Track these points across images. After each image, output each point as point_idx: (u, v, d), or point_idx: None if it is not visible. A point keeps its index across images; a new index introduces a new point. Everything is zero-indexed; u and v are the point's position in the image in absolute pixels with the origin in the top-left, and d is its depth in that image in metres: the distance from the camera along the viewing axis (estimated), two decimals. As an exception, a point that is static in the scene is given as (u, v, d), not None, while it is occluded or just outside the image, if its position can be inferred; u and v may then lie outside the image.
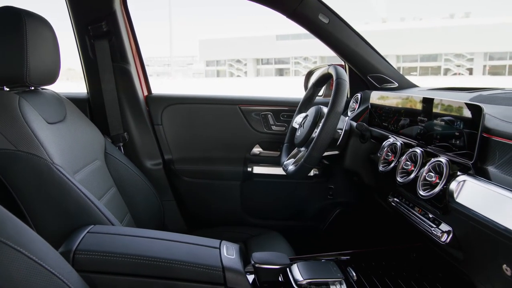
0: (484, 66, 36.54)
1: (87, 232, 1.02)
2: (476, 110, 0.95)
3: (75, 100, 1.54)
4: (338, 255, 1.28)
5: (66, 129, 1.31)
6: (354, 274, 1.14)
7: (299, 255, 1.30)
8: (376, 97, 1.50)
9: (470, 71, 36.63)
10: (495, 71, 36.26)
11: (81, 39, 1.75)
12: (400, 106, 1.31)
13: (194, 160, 1.93)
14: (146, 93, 1.93)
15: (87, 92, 1.83)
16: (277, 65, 44.57)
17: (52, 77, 1.29)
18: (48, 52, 1.24)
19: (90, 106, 1.82)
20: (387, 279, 1.14)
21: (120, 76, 1.78)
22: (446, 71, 37.67)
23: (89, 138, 1.44)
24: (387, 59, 1.78)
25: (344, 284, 1.08)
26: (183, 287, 0.97)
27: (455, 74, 37.23)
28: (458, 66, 37.44)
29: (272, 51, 42.94)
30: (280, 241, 1.61)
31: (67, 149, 1.25)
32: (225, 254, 1.02)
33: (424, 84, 1.79)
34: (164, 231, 1.11)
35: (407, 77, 1.81)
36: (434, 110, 1.11)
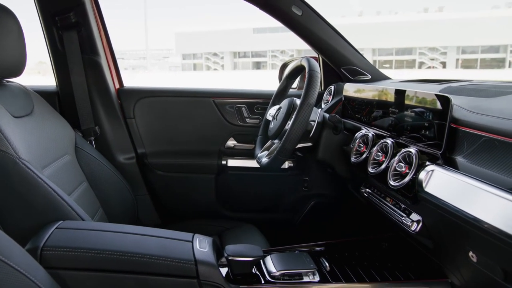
0: (457, 59, 37.32)
1: (56, 228, 1.00)
2: (444, 101, 0.96)
3: (44, 93, 1.50)
4: (313, 246, 1.29)
5: (33, 123, 1.27)
6: (327, 265, 1.15)
7: (274, 247, 1.30)
8: (349, 89, 1.51)
9: (444, 65, 37.35)
10: (467, 64, 37.08)
11: (48, 30, 1.70)
12: (372, 98, 1.32)
13: (167, 154, 1.91)
14: (117, 86, 1.90)
15: (56, 85, 1.78)
16: (254, 58, 44.47)
17: (17, 70, 1.25)
18: (13, 43, 1.20)
19: (60, 100, 1.77)
20: (359, 269, 1.15)
21: (90, 68, 1.74)
22: (421, 64, 38.31)
23: (58, 132, 1.40)
24: (363, 52, 1.80)
25: (317, 275, 1.09)
26: (155, 281, 0.96)
27: (429, 67, 37.90)
28: (432, 59, 38.13)
29: (249, 44, 42.80)
30: (255, 233, 1.61)
31: (35, 143, 1.21)
32: (198, 247, 1.02)
33: (399, 77, 1.81)
34: (136, 226, 1.09)
35: (381, 70, 1.83)
36: (405, 102, 1.12)
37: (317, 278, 1.08)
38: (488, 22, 34.45)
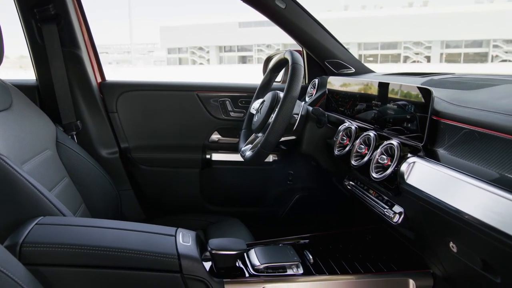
0: (441, 54, 37.72)
1: (36, 224, 0.98)
2: (426, 93, 0.97)
3: (23, 88, 1.47)
4: (297, 239, 1.30)
5: (12, 117, 1.25)
6: (311, 257, 1.16)
7: (259, 240, 1.31)
8: (333, 83, 1.51)
9: (428, 59, 37.71)
10: (451, 58, 37.51)
11: (26, 22, 1.66)
12: (356, 91, 1.33)
13: (151, 148, 1.89)
14: (99, 80, 1.87)
15: (36, 79, 1.75)
16: (240, 52, 44.31)
17: None
18: None
19: (40, 94, 1.74)
20: (343, 261, 1.16)
21: (71, 62, 1.71)
22: (406, 58, 38.61)
23: (38, 127, 1.38)
24: (349, 46, 1.80)
25: (301, 267, 1.10)
26: (138, 276, 0.95)
27: (414, 61, 38.24)
28: (417, 54, 38.46)
29: (235, 38, 42.62)
30: (240, 227, 1.61)
31: (13, 138, 1.19)
32: (181, 241, 1.01)
33: (384, 71, 1.82)
34: (118, 221, 1.08)
35: (366, 63, 1.84)
36: (388, 95, 1.13)
37: (300, 271, 1.08)
38: (471, 17, 34.86)
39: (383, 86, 1.16)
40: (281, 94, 1.32)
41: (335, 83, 1.50)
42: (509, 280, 0.75)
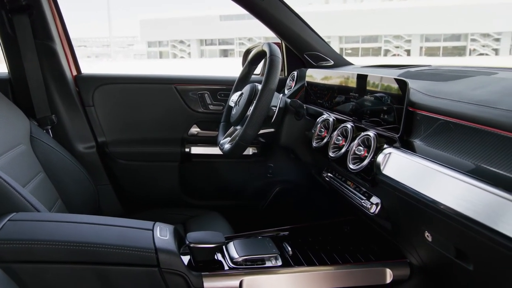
0: (421, 47, 38.18)
1: (8, 220, 0.95)
2: (402, 85, 0.97)
3: None
4: (277, 231, 1.30)
5: None
6: (290, 249, 1.16)
7: (239, 233, 1.31)
8: (312, 75, 1.52)
9: (408, 52, 38.14)
10: (431, 52, 38.02)
11: None
12: (334, 83, 1.33)
13: (129, 142, 1.86)
14: (75, 73, 1.83)
15: (8, 72, 1.70)
16: (222, 46, 44.02)
17: None
18: None
19: (12, 87, 1.70)
20: (322, 252, 1.17)
21: (44, 54, 1.67)
22: (386, 52, 38.98)
23: (11, 122, 1.35)
24: (330, 40, 1.80)
25: (280, 259, 1.10)
26: (115, 271, 0.94)
27: (394, 55, 38.62)
28: (397, 47, 38.84)
29: (216, 31, 42.33)
30: (219, 220, 1.61)
31: None
32: (158, 235, 1.00)
33: (362, 63, 1.83)
34: (95, 215, 1.07)
35: (347, 57, 1.84)
36: (365, 87, 1.13)
37: (279, 263, 1.09)
38: (450, 11, 35.34)
39: (361, 78, 1.16)
40: (259, 87, 1.32)
41: (313, 75, 1.50)
42: (481, 268, 0.77)
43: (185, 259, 1.05)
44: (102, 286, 0.94)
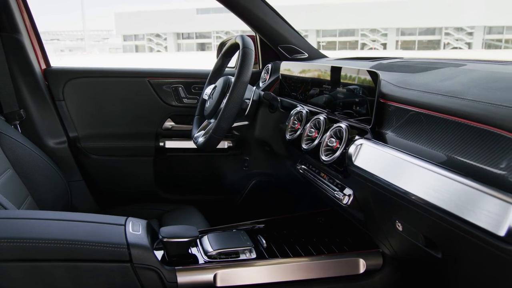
0: (397, 41, 38.69)
1: None
2: (373, 76, 0.98)
3: None
4: (252, 224, 1.30)
5: None
6: (264, 242, 1.16)
7: (213, 227, 1.30)
8: (286, 68, 1.51)
9: (385, 46, 38.60)
10: (406, 46, 38.56)
11: None
12: (308, 75, 1.33)
13: (102, 137, 1.83)
14: (44, 67, 1.78)
15: None
16: (199, 39, 43.63)
17: None
18: None
19: None
20: (297, 244, 1.17)
21: (11, 47, 1.62)
22: (363, 45, 39.36)
23: None
24: (307, 33, 1.80)
25: (254, 252, 1.10)
26: (86, 268, 0.92)
27: (371, 48, 39.03)
28: (374, 41, 39.25)
29: (193, 25, 41.92)
30: (195, 215, 1.60)
31: None
32: (131, 230, 0.99)
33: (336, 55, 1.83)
34: (65, 212, 1.05)
35: (324, 51, 1.85)
36: (338, 79, 1.14)
37: (253, 255, 1.09)
38: (424, 5, 35.91)
39: (334, 71, 1.17)
40: (233, 79, 1.31)
41: (288, 68, 1.50)
42: (449, 255, 0.78)
43: (159, 254, 1.04)
44: (73, 283, 0.93)
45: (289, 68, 1.49)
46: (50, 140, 1.73)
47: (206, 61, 1.70)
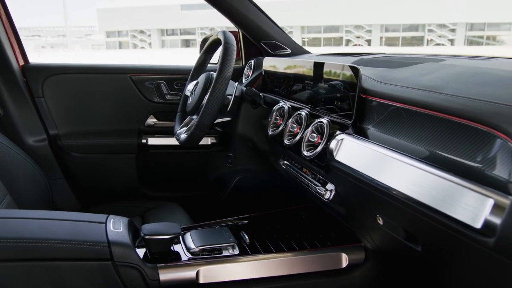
0: (381, 37, 38.99)
1: None
2: (354, 72, 0.98)
3: None
4: (236, 220, 1.30)
5: None
6: (247, 238, 1.16)
7: (196, 224, 1.29)
8: (269, 63, 1.51)
9: (369, 42, 38.87)
10: (390, 42, 38.91)
11: None
12: (290, 71, 1.33)
13: (83, 134, 1.80)
14: (22, 63, 1.74)
15: None
16: (183, 36, 43.32)
17: None
18: None
19: None
20: (280, 240, 1.18)
21: None
22: (348, 42, 39.56)
23: None
24: (292, 30, 1.79)
25: (237, 248, 1.10)
26: (66, 267, 0.91)
27: (355, 44, 39.23)
28: (358, 37, 39.48)
29: (177, 21, 41.61)
30: (179, 212, 1.59)
31: None
32: (111, 228, 0.98)
33: (319, 51, 1.84)
34: (45, 211, 1.03)
35: (308, 47, 1.85)
36: (320, 74, 1.14)
37: (236, 251, 1.09)
38: (408, 1, 36.25)
39: (316, 66, 1.17)
40: (215, 75, 1.30)
41: (270, 64, 1.50)
42: (429, 248, 0.79)
43: (141, 251, 1.03)
44: (53, 283, 0.92)
45: (272, 64, 1.48)
46: (30, 138, 1.70)
47: (192, 58, 1.68)
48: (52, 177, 1.72)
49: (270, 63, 1.49)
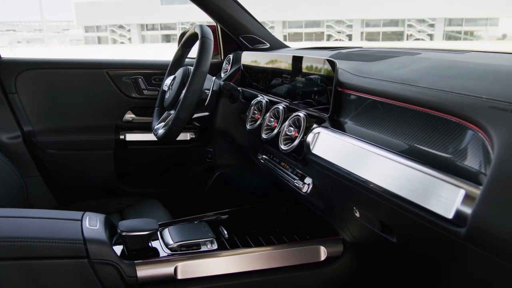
0: (362, 32, 39.30)
1: None
2: (331, 65, 0.98)
3: None
4: (215, 215, 1.29)
5: None
6: (226, 233, 1.16)
7: (175, 219, 1.29)
8: (247, 58, 1.50)
9: (350, 37, 39.13)
10: (371, 37, 39.27)
11: None
12: (269, 66, 1.33)
13: (59, 131, 1.77)
14: None
15: None
16: (164, 31, 42.90)
17: None
18: None
19: None
20: (259, 235, 1.18)
21: None
22: (329, 37, 39.76)
23: None
24: (273, 25, 1.79)
25: (215, 243, 1.10)
26: (41, 265, 0.90)
27: (336, 39, 39.45)
28: (339, 32, 39.73)
29: (157, 16, 41.15)
30: (158, 208, 1.57)
31: None
32: (87, 225, 0.96)
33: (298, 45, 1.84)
34: (18, 209, 1.01)
35: (289, 42, 1.84)
36: (298, 68, 1.14)
37: (215, 246, 1.08)
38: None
39: (295, 60, 1.17)
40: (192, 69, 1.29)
41: (249, 58, 1.49)
42: (404, 240, 0.80)
43: (118, 248, 1.02)
44: (28, 282, 0.90)
45: (250, 58, 1.48)
46: (3, 135, 1.66)
47: (173, 53, 1.66)
48: (27, 175, 1.69)
49: (249, 58, 1.48)
